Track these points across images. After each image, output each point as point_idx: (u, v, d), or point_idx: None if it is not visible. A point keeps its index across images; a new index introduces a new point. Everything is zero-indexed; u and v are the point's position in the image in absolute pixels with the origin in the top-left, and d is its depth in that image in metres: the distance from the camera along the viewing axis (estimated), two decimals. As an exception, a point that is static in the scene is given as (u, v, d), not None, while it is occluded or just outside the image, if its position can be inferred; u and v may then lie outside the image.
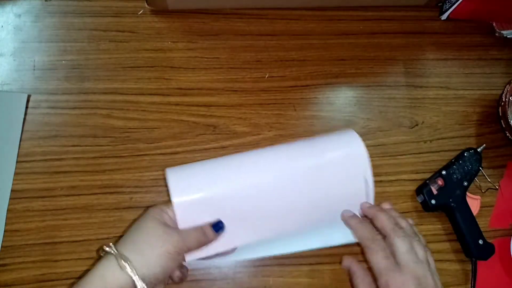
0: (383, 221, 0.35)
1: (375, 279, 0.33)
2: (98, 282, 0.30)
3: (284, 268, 0.42)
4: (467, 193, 0.46)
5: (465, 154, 0.47)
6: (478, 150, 0.47)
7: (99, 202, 0.42)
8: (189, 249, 0.33)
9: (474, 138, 0.50)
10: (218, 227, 0.35)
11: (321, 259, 0.42)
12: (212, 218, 0.35)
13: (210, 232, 0.34)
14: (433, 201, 0.44)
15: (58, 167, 0.42)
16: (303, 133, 0.47)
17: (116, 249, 0.31)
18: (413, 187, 0.47)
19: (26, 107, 0.44)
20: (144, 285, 0.30)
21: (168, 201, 0.34)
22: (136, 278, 0.30)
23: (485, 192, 0.48)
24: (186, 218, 0.34)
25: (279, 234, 0.37)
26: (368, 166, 0.36)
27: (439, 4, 0.54)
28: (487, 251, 0.44)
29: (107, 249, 0.31)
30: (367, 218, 0.37)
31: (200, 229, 0.34)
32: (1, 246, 0.39)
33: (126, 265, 0.30)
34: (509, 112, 0.48)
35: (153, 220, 0.33)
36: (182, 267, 0.35)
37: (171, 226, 0.34)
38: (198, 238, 0.34)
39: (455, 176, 0.45)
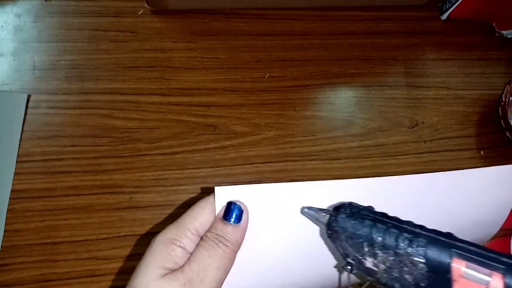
0: None
1: None
2: None
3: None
4: None
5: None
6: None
7: (99, 202, 0.42)
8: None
9: (474, 138, 0.50)
10: (233, 213, 0.25)
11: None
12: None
13: (227, 229, 0.24)
14: None
15: (58, 167, 0.42)
16: (303, 133, 0.47)
17: None
18: (413, 187, 0.47)
19: (26, 107, 0.44)
20: None
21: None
22: None
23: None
24: None
25: None
26: None
27: (439, 4, 0.54)
28: None
29: None
30: None
31: (211, 240, 0.24)
32: (1, 246, 0.39)
33: None
34: (509, 112, 0.48)
35: (154, 277, 0.23)
36: None
37: (182, 265, 0.24)
38: (218, 259, 0.24)
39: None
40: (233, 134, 0.46)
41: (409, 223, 0.21)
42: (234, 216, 0.25)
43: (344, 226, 0.22)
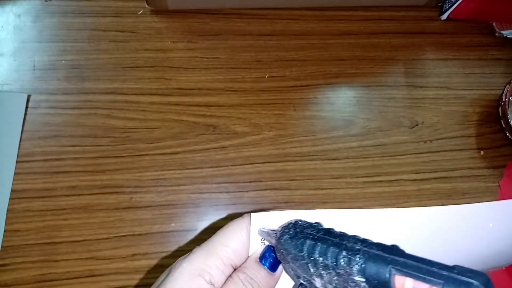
0: None
1: None
2: None
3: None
4: None
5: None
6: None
7: (99, 202, 0.42)
8: None
9: (474, 138, 0.50)
10: (271, 259, 0.23)
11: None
12: None
13: (261, 274, 0.22)
14: None
15: (58, 167, 0.42)
16: (303, 133, 0.47)
17: None
18: (413, 187, 0.47)
19: (26, 107, 0.44)
20: None
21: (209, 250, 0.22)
22: None
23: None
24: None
25: None
26: None
27: (439, 4, 0.54)
28: None
29: None
30: None
31: (244, 282, 0.22)
32: (1, 246, 0.39)
33: None
34: (509, 112, 0.48)
35: None
36: None
37: None
38: None
39: None
40: (233, 134, 0.46)
41: (352, 238, 0.20)
42: (270, 263, 0.22)
43: (287, 248, 0.21)
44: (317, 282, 0.20)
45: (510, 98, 0.48)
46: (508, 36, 0.54)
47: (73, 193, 0.42)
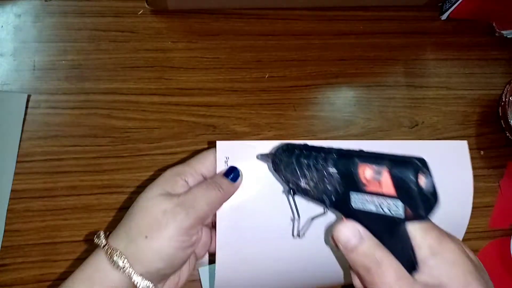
0: None
1: None
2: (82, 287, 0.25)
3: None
4: None
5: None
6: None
7: (99, 202, 0.42)
8: (201, 218, 0.28)
9: (474, 138, 0.50)
10: (232, 174, 0.31)
11: None
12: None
13: (224, 182, 0.30)
14: None
15: (58, 167, 0.42)
16: (303, 133, 0.47)
17: (107, 240, 0.27)
18: (413, 187, 0.47)
19: (26, 107, 0.44)
20: (148, 284, 0.26)
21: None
22: (136, 279, 0.26)
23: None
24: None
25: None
26: None
27: (439, 4, 0.54)
28: None
29: (96, 240, 0.27)
30: None
31: (210, 184, 0.29)
32: (1, 246, 0.39)
33: (119, 261, 0.26)
34: (509, 112, 0.48)
35: (154, 194, 0.29)
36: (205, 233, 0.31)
37: (179, 194, 0.29)
38: (210, 197, 0.29)
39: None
40: (233, 134, 0.46)
41: (327, 149, 0.27)
42: (232, 175, 0.31)
43: (281, 158, 0.29)
44: (302, 182, 0.28)
45: (510, 98, 0.48)
46: (508, 36, 0.54)
47: (73, 193, 0.42)
